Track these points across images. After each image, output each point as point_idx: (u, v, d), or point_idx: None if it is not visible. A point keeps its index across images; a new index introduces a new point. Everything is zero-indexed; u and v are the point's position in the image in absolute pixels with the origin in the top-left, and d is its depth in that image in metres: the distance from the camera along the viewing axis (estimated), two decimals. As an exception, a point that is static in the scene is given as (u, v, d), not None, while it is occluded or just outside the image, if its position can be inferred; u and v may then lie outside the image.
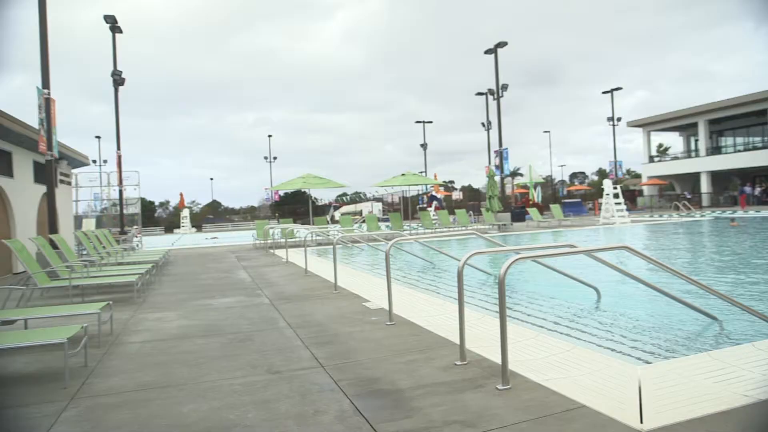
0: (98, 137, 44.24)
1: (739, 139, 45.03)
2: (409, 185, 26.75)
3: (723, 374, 3.55)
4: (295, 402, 3.46)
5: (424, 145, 47.31)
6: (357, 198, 59.87)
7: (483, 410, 3.16)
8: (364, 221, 25.22)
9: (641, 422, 2.87)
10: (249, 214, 59.53)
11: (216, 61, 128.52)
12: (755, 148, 41.81)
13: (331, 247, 9.00)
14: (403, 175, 25.15)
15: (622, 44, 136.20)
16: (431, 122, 47.95)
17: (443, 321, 5.60)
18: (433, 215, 26.79)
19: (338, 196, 58.70)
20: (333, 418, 3.16)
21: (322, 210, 46.70)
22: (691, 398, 3.16)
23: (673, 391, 3.30)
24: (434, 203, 33.83)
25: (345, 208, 50.79)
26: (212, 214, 63.72)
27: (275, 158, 53.76)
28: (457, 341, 4.25)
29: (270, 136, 53.39)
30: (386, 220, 30.23)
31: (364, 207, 47.28)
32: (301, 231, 18.69)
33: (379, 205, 47.28)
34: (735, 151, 43.84)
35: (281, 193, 49.26)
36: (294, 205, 48.97)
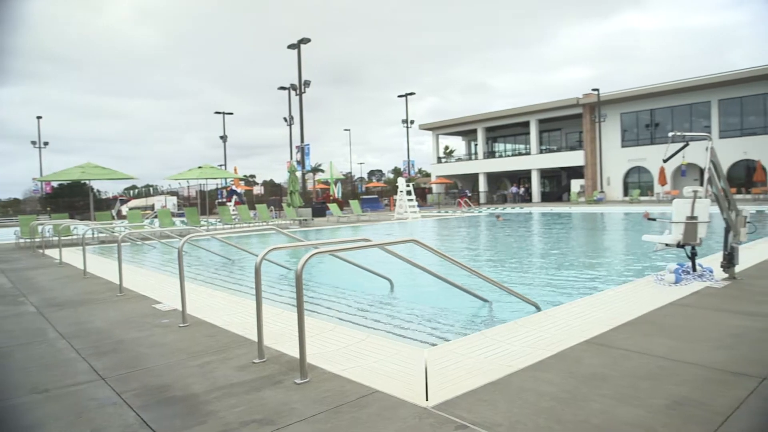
0: None
1: (509, 146, 52.35)
2: (207, 179, 25.50)
3: (493, 350, 4.05)
4: (68, 423, 3.02)
5: (224, 138, 45.53)
6: (148, 191, 55.09)
7: (281, 406, 3.13)
8: (156, 216, 23.32)
9: (426, 400, 3.12)
10: (11, 208, 50.82)
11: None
12: (520, 154, 48.99)
13: (116, 245, 8.11)
14: (200, 168, 23.87)
15: (418, 54, 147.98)
16: (232, 114, 46.41)
17: (241, 319, 5.44)
18: (233, 210, 25.95)
19: (126, 189, 53.35)
20: (114, 436, 2.83)
21: (106, 204, 41.93)
22: (467, 373, 3.54)
23: (453, 368, 3.66)
24: (234, 198, 32.76)
25: (134, 202, 46.30)
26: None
27: (46, 144, 46.81)
28: (256, 339, 4.15)
29: (40, 117, 46.25)
30: (181, 215, 28.32)
31: (157, 201, 43.68)
32: (80, 227, 16.57)
33: (174, 199, 44.14)
34: (505, 156, 50.88)
35: (54, 184, 43.05)
36: (72, 198, 43.05)
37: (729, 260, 6.44)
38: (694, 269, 6.47)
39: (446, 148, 67.25)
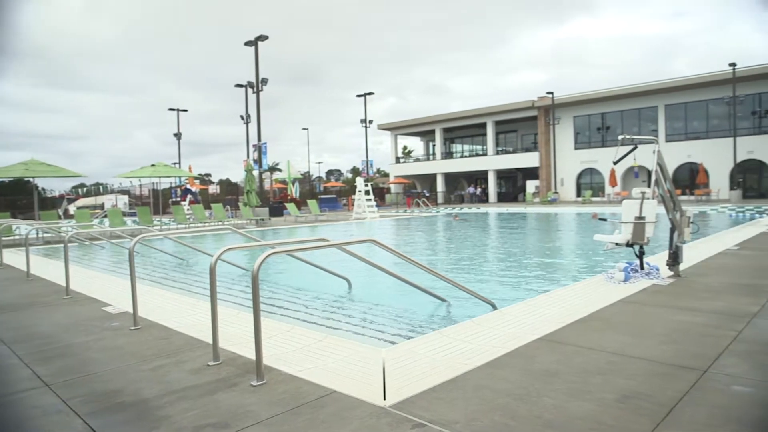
0: None
1: (466, 147, 53.08)
2: (161, 177, 24.82)
3: (450, 348, 4.09)
4: (7, 432, 2.88)
5: (178, 135, 44.42)
6: (98, 190, 53.17)
7: (237, 409, 3.08)
8: (105, 216, 22.53)
9: (384, 399, 3.12)
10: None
11: None
12: (477, 155, 49.75)
13: (63, 245, 7.80)
14: (153, 166, 23.21)
15: (378, 54, 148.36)
16: (186, 111, 45.28)
17: (196, 321, 5.31)
18: (187, 209, 25.37)
19: (73, 188, 51.37)
20: (59, 444, 2.72)
21: (52, 203, 40.22)
22: (425, 372, 3.57)
23: (411, 367, 3.68)
24: (189, 197, 32.00)
25: (82, 201, 44.63)
26: None
27: (-14, 140, 44.47)
28: (211, 341, 4.06)
29: (-21, 112, 43.99)
30: (133, 214, 27.46)
31: (107, 200, 42.19)
32: (23, 227, 15.85)
33: (125, 198, 42.74)
34: (463, 157, 51.59)
35: (-5, 182, 40.93)
36: (13, 197, 41.08)
37: (674, 259, 6.71)
38: (642, 267, 6.71)
39: (405, 148, 67.65)
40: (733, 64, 31.78)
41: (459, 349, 4.05)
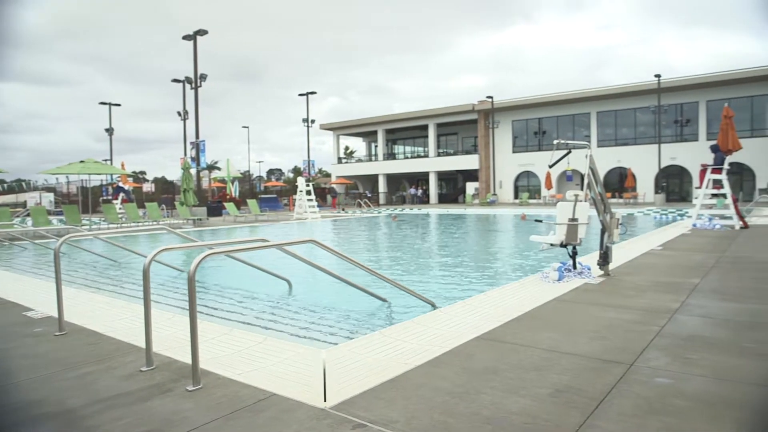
0: None
1: (408, 148, 53.60)
2: (90, 174, 23.64)
3: (391, 348, 4.11)
4: None
5: (109, 130, 42.46)
6: (21, 186, 50.02)
7: (172, 415, 2.97)
8: (28, 215, 21.23)
9: (325, 400, 3.10)
10: None
11: None
12: (419, 157, 50.36)
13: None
14: (82, 162, 22.09)
15: (321, 54, 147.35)
16: (119, 105, 43.33)
17: (128, 324, 5.09)
18: (119, 208, 24.30)
19: (-7, 184, 48.08)
20: (-27, 459, 2.53)
21: (-32, 201, 37.48)
22: (366, 372, 3.57)
23: (352, 368, 3.68)
24: (121, 195, 30.63)
25: (2, 199, 41.85)
26: None
27: None
28: (144, 345, 3.90)
29: None
30: (60, 213, 25.99)
31: (30, 198, 39.79)
32: (-66, 227, 14.68)
33: (51, 196, 40.43)
34: (405, 158, 52.05)
35: None
36: (-77, 194, 38.06)
37: (604, 258, 7.04)
38: (575, 267, 6.99)
39: (347, 148, 67.56)
40: (658, 75, 33.71)
41: (400, 349, 4.08)
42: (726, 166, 14.50)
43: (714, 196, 15.45)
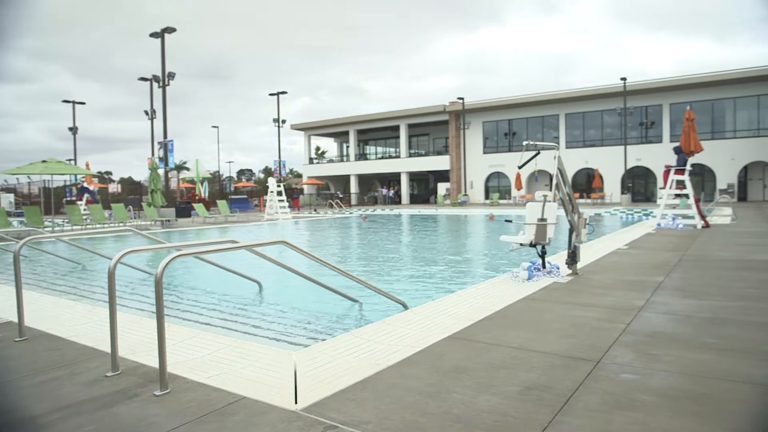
0: None
1: (380, 149, 53.67)
2: (53, 174, 22.99)
3: (362, 349, 4.11)
4: None
5: (73, 129, 41.35)
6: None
7: (138, 421, 2.90)
8: (-12, 216, 20.47)
9: (296, 403, 3.08)
10: None
11: None
12: (391, 157, 50.47)
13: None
14: (44, 162, 21.45)
15: (293, 53, 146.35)
16: (84, 104, 42.19)
17: (93, 329, 4.95)
18: (84, 209, 23.69)
19: (-52, 185, 46.26)
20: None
21: None
22: (337, 373, 3.55)
23: (323, 369, 3.65)
24: (86, 196, 29.85)
25: (-41, 200, 40.27)
26: None
27: None
28: (109, 350, 3.80)
29: None
30: (20, 214, 25.18)
31: (-10, 199, 38.44)
32: None
33: (11, 197, 39.12)
34: (376, 159, 52.09)
35: None
36: None
37: (572, 258, 7.17)
38: (544, 266, 7.10)
39: (318, 149, 67.26)
40: (624, 79, 34.52)
41: (371, 350, 4.07)
42: (688, 167, 14.93)
43: (677, 196, 15.91)
